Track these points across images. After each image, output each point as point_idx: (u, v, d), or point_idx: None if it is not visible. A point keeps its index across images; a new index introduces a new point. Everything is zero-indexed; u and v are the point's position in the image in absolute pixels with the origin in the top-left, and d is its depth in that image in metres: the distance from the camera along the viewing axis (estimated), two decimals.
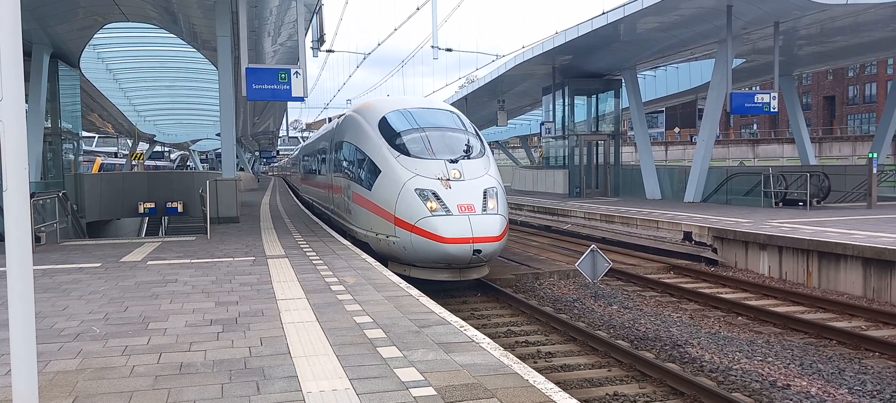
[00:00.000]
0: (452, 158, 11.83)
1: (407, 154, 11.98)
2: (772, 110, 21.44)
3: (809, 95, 76.08)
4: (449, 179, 11.35)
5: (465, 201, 11.08)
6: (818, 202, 20.55)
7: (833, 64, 37.72)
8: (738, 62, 27.04)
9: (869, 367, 8.19)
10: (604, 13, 21.55)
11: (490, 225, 10.99)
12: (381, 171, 12.03)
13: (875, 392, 7.35)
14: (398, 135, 12.54)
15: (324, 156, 19.55)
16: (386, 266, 10.58)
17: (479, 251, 10.75)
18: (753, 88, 36.97)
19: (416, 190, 11.17)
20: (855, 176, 23.45)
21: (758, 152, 58.33)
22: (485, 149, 12.76)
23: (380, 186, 11.97)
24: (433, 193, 11.08)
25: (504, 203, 11.70)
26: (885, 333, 9.54)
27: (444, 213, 10.86)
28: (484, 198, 11.27)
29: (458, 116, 13.84)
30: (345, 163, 14.67)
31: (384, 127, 12.84)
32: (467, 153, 12.24)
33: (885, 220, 15.87)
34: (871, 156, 20.85)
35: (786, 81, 28.40)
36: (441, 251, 10.72)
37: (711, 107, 23.07)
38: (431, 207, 10.93)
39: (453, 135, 12.86)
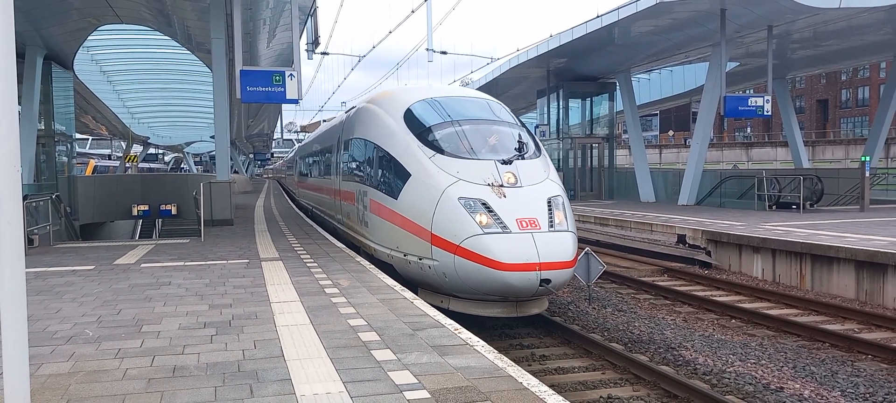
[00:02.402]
0: (504, 158, 9.49)
1: (444, 153, 9.62)
2: (765, 113, 21.53)
3: (803, 99, 76.37)
4: (502, 185, 9.04)
5: (525, 214, 8.74)
6: (811, 205, 20.63)
7: (826, 67, 37.93)
8: (732, 65, 27.13)
9: (862, 370, 8.22)
10: (598, 16, 21.62)
11: (560, 245, 8.64)
12: (410, 175, 9.63)
13: (868, 395, 7.38)
14: (430, 129, 10.20)
15: (329, 156, 16.88)
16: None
17: (547, 280, 8.32)
18: (747, 92, 37.09)
19: (460, 199, 8.80)
20: (848, 179, 23.55)
21: (751, 155, 58.54)
22: (540, 148, 10.48)
23: (409, 194, 9.55)
24: (483, 204, 8.73)
25: (573, 217, 9.48)
26: (878, 336, 9.58)
27: (500, 230, 8.52)
28: (549, 210, 8.96)
29: (501, 106, 11.52)
30: (358, 165, 12.31)
31: (411, 119, 10.48)
32: (520, 152, 9.84)
33: (878, 223, 15.94)
34: (863, 159, 20.96)
35: (779, 85, 28.53)
36: (498, 280, 8.32)
37: (705, 110, 23.14)
38: (482, 222, 8.57)
39: (500, 128, 10.50)
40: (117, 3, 17.65)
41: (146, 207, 18.35)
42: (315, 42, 26.09)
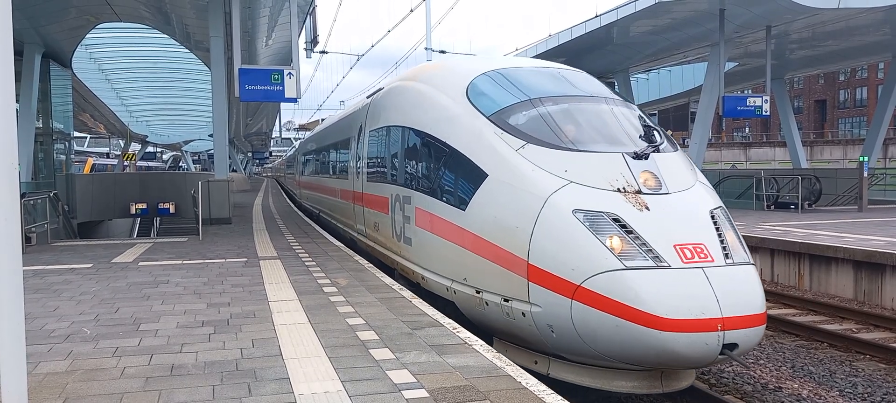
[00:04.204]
0: (635, 151, 6.54)
1: (540, 143, 6.73)
2: (764, 113, 21.55)
3: (801, 99, 76.48)
4: (640, 191, 6.16)
5: (686, 238, 5.82)
6: (809, 205, 20.66)
7: (824, 68, 37.95)
8: (730, 66, 27.16)
9: (860, 369, 8.23)
10: (597, 16, 21.64)
11: (746, 288, 5.71)
12: (486, 175, 6.82)
13: (866, 395, 7.39)
14: (512, 110, 7.33)
15: (343, 151, 14.18)
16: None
17: (733, 345, 5.43)
18: (745, 92, 37.13)
19: (577, 212, 5.93)
20: (846, 179, 23.59)
21: (750, 155, 58.63)
22: (672, 140, 7.45)
23: (486, 202, 6.75)
24: (615, 220, 5.85)
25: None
26: (877, 336, 9.59)
27: (652, 264, 5.57)
28: (716, 230, 6.04)
29: (595, 80, 8.56)
30: (393, 162, 9.53)
31: (480, 98, 7.64)
32: (652, 142, 6.75)
33: (876, 223, 15.96)
34: (861, 159, 20.99)
35: (777, 85, 28.54)
36: (653, 344, 5.36)
37: (704, 110, 23.16)
38: (618, 249, 5.66)
39: (614, 109, 7.51)
40: (116, 1, 17.63)
41: (144, 205, 18.27)
42: (314, 40, 26.10)
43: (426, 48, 28.88)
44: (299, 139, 58.32)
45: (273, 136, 79.90)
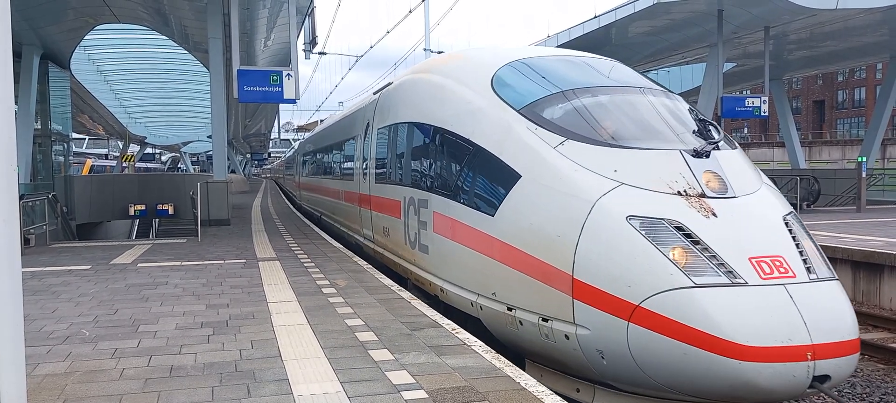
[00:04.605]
0: (694, 149, 5.75)
1: (583, 139, 5.92)
2: (762, 114, 21.58)
3: (799, 99, 76.58)
4: (704, 195, 5.37)
5: (762, 250, 5.03)
6: (808, 205, 20.69)
7: (823, 68, 38.00)
8: (728, 66, 27.19)
9: (858, 370, 8.24)
10: (596, 17, 21.66)
11: (834, 307, 4.92)
12: (519, 176, 6.03)
13: (865, 395, 7.40)
14: (547, 102, 6.53)
15: (348, 150, 13.42)
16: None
17: (825, 376, 4.65)
18: (744, 92, 37.16)
19: (631, 219, 5.16)
20: (844, 179, 23.63)
21: (748, 156, 58.54)
22: (729, 137, 6.58)
23: (519, 206, 5.96)
24: (677, 227, 5.08)
25: None
26: (875, 336, 9.60)
27: (726, 280, 4.79)
28: (792, 239, 5.26)
29: (635, 72, 7.83)
30: (406, 161, 8.67)
31: (507, 89, 6.88)
32: (709, 138, 5.95)
33: (875, 223, 15.98)
34: (860, 159, 21.01)
35: (776, 85, 28.59)
36: (730, 375, 4.56)
37: (702, 110, 23.18)
38: (683, 262, 4.89)
39: (663, 101, 6.71)
40: (114, 2, 17.64)
41: (143, 207, 18.31)
42: (312, 42, 26.14)
43: (425, 49, 28.90)
44: (298, 140, 58.25)
45: (272, 138, 79.91)
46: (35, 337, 5.73)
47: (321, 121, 37.87)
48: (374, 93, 11.60)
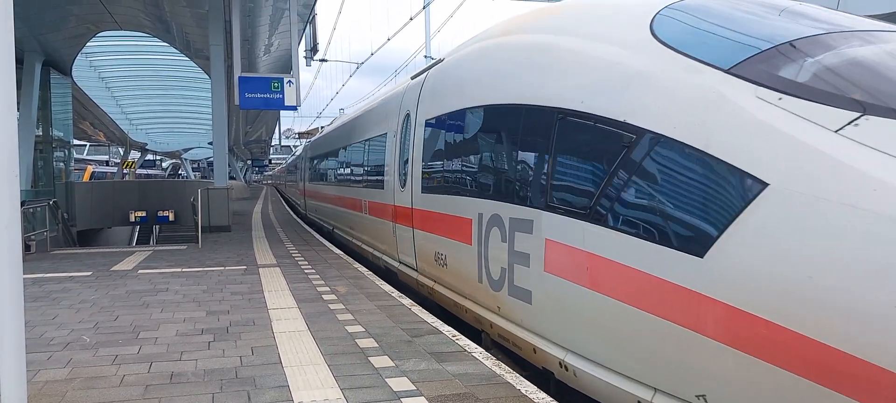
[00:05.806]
0: None
1: (890, 114, 3.15)
2: None
3: None
4: None
5: None
6: None
7: None
8: None
9: None
10: None
11: None
12: (765, 184, 3.28)
13: None
14: (781, 57, 3.83)
15: (376, 151, 11.03)
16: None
17: None
18: None
19: None
20: None
21: None
22: None
23: (773, 244, 3.17)
24: None
25: None
26: None
27: None
28: None
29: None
30: (481, 164, 6.41)
31: (692, 41, 4.28)
32: None
33: None
34: None
35: None
36: None
37: None
38: None
39: None
40: (116, 9, 17.71)
41: (143, 213, 18.30)
42: (313, 48, 26.22)
43: (426, 56, 28.92)
44: (299, 146, 58.25)
45: (272, 144, 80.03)
46: (36, 344, 5.74)
47: (321, 128, 37.79)
48: (412, 78, 9.52)
